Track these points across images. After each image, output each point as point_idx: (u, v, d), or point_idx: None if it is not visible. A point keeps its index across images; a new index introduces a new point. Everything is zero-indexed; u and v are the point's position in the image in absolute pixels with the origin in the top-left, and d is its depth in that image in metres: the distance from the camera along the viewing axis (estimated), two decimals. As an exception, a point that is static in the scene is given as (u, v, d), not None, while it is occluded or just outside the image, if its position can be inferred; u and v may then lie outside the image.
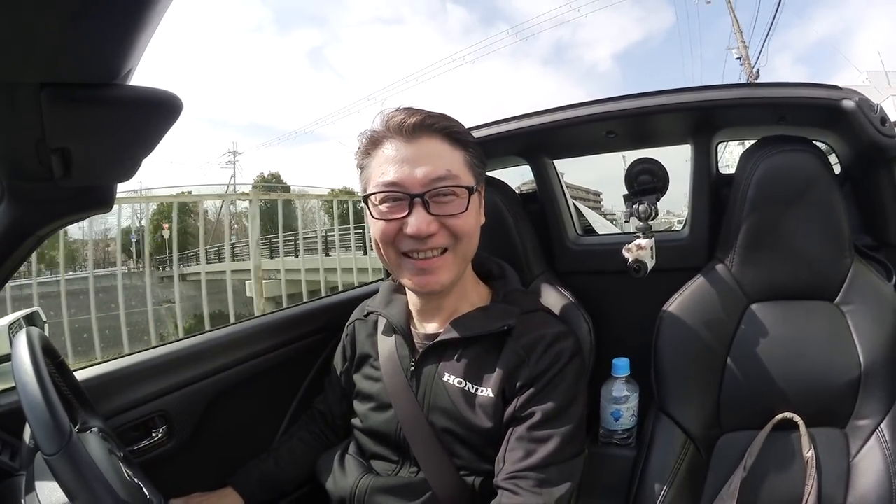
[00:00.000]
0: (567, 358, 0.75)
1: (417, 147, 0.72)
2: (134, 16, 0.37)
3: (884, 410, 0.83)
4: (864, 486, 0.81)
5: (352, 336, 0.91)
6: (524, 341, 0.75)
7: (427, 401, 0.77)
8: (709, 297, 0.91)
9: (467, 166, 0.75)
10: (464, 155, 0.75)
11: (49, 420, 0.52)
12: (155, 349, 0.97)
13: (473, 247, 0.77)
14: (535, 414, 0.71)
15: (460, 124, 0.77)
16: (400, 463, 0.79)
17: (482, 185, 0.79)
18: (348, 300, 1.16)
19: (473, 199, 0.74)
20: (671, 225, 6.77)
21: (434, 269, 0.73)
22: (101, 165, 0.59)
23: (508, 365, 0.74)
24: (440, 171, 0.71)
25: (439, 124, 0.73)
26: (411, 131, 0.72)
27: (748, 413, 0.88)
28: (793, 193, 0.86)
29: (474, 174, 0.76)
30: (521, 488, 0.68)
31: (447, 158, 0.73)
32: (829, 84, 0.87)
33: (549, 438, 0.70)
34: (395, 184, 0.71)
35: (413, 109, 0.74)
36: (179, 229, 5.04)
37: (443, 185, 0.71)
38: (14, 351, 0.60)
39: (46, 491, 0.54)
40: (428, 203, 0.71)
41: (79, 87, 0.43)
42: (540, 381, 0.73)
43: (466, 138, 0.76)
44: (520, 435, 0.71)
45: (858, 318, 0.86)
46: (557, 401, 0.72)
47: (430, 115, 0.74)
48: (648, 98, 0.92)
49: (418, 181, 0.71)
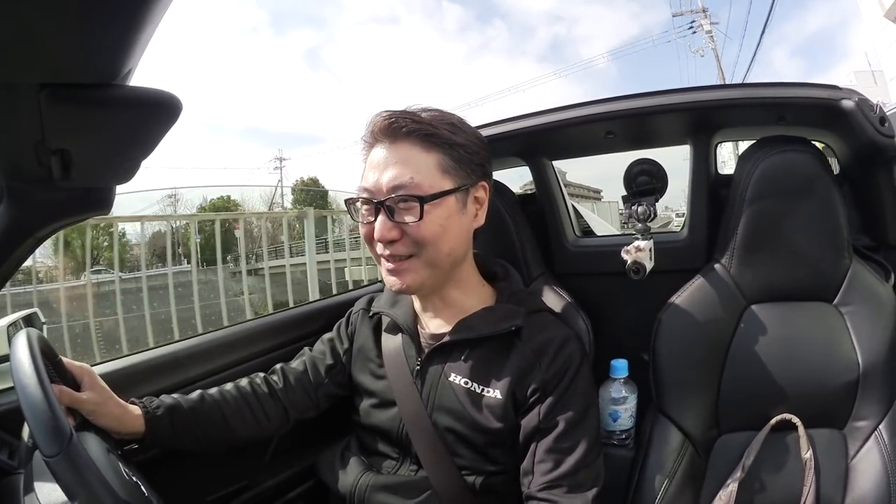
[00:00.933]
0: (578, 362, 0.76)
1: (394, 151, 0.73)
2: (134, 16, 0.37)
3: (882, 411, 0.82)
4: (863, 487, 0.81)
5: (355, 326, 0.91)
6: (533, 345, 0.76)
7: (431, 400, 0.77)
8: (707, 299, 0.91)
9: (441, 169, 0.72)
10: (439, 157, 0.72)
11: (49, 422, 0.52)
12: (155, 349, 0.97)
13: (444, 254, 0.74)
14: (559, 424, 0.73)
15: (438, 123, 0.73)
16: (400, 460, 0.80)
17: (479, 185, 0.77)
18: (348, 301, 1.16)
19: (431, 207, 0.71)
20: (670, 220, 6.77)
21: (400, 271, 0.74)
22: (100, 167, 0.59)
23: (518, 368, 0.75)
24: (402, 178, 0.71)
25: (409, 127, 0.72)
26: (389, 135, 0.73)
27: (746, 414, 0.88)
28: (791, 194, 0.86)
29: (455, 176, 0.73)
30: (556, 496, 0.70)
31: (415, 164, 0.71)
32: (829, 84, 0.87)
33: (576, 446, 0.72)
34: (367, 189, 0.74)
35: (392, 112, 0.74)
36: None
37: (400, 193, 0.71)
38: (13, 352, 0.60)
39: (45, 490, 0.54)
40: (392, 210, 0.72)
41: (78, 88, 0.43)
42: (556, 388, 0.74)
43: (445, 139, 0.73)
44: (548, 447, 0.72)
45: (857, 319, 0.86)
46: (577, 408, 0.74)
47: (402, 117, 0.73)
48: (647, 98, 0.92)
49: (382, 187, 0.72)
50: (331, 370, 0.89)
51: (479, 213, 0.79)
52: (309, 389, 0.89)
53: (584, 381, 0.76)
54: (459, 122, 0.77)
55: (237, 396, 0.85)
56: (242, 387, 0.87)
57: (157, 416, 0.77)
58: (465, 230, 0.77)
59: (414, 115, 0.74)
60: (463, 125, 0.77)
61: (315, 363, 0.91)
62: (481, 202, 0.79)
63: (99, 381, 0.74)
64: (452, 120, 0.76)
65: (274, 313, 1.19)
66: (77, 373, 0.73)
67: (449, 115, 0.77)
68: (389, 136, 0.73)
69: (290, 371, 0.90)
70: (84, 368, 0.74)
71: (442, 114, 0.76)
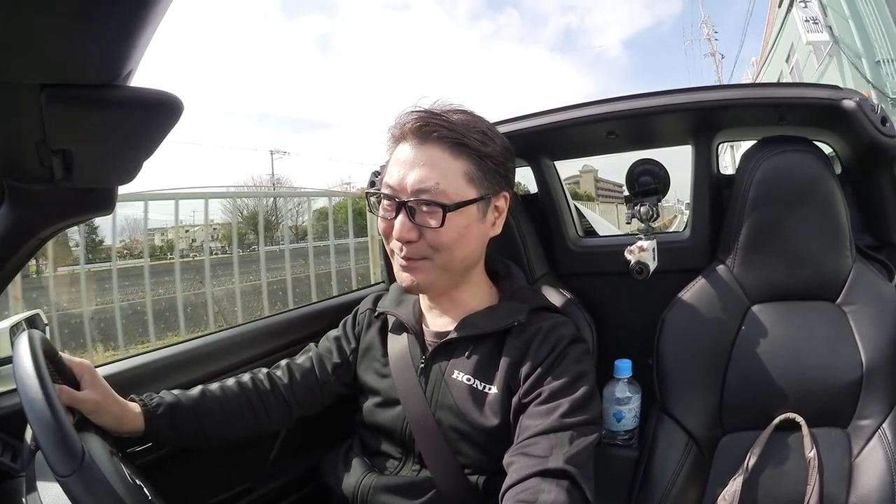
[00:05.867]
0: (567, 342, 0.75)
1: (422, 152, 0.72)
2: (134, 17, 0.37)
3: (886, 410, 0.82)
4: (866, 486, 0.81)
5: (362, 325, 0.91)
6: (524, 336, 0.76)
7: (435, 398, 0.77)
8: (710, 299, 0.91)
9: (467, 178, 0.72)
10: (467, 165, 0.72)
11: (61, 442, 0.52)
12: (156, 351, 0.97)
13: (458, 259, 0.74)
14: (543, 393, 0.70)
15: (469, 131, 0.72)
16: (403, 460, 0.79)
17: (501, 194, 0.77)
18: (350, 301, 1.16)
19: (453, 215, 0.70)
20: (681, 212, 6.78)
21: (413, 268, 0.74)
22: (101, 167, 0.59)
23: (511, 359, 0.75)
24: (428, 182, 0.70)
25: (441, 132, 0.71)
26: (420, 134, 0.72)
27: (750, 413, 0.88)
28: (794, 194, 0.86)
29: (480, 185, 0.73)
30: (528, 455, 0.64)
31: (442, 169, 0.71)
32: (830, 84, 0.87)
33: (556, 408, 0.68)
34: (391, 187, 0.73)
35: (423, 113, 0.73)
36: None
37: (423, 197, 0.70)
38: (16, 356, 0.59)
39: (47, 491, 0.54)
40: (413, 210, 0.71)
41: (80, 88, 0.43)
42: (542, 363, 0.73)
43: (475, 148, 0.72)
44: (527, 413, 0.69)
45: (860, 318, 0.86)
46: (562, 377, 0.71)
47: (436, 120, 0.72)
48: (649, 99, 0.92)
49: (407, 188, 0.71)
50: (337, 369, 0.89)
51: (497, 222, 0.79)
52: (314, 386, 0.89)
53: (573, 356, 0.74)
54: (489, 129, 0.76)
55: (238, 393, 0.85)
56: (244, 382, 0.86)
57: (158, 414, 0.76)
58: (482, 238, 0.77)
59: (445, 118, 0.72)
60: (493, 133, 0.76)
61: (322, 360, 0.90)
62: (500, 211, 0.78)
63: (99, 378, 0.73)
64: (483, 128, 0.75)
65: (277, 314, 1.19)
66: (77, 370, 0.72)
67: (479, 120, 0.76)
68: (419, 136, 0.72)
69: (295, 367, 0.90)
70: (84, 366, 0.73)
71: (473, 119, 0.75)
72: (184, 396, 0.80)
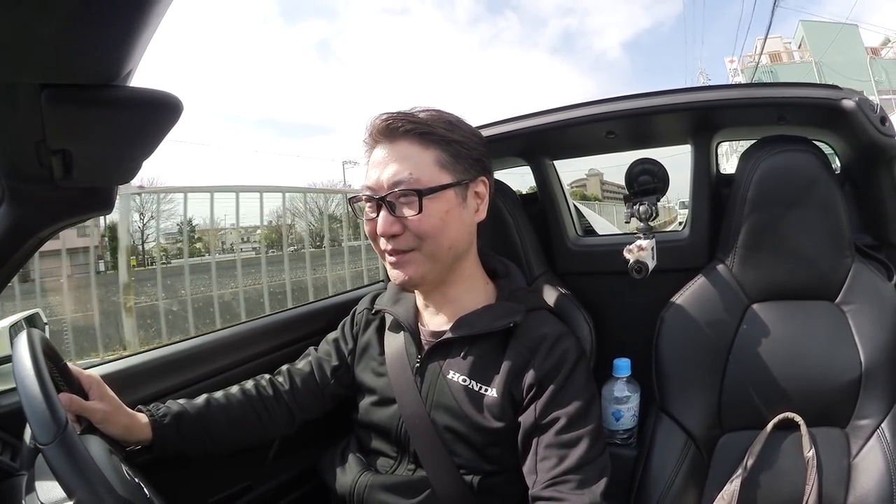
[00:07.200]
0: (574, 359, 0.76)
1: (393, 149, 0.75)
2: (134, 17, 0.37)
3: (885, 410, 0.82)
4: (865, 486, 0.81)
5: (360, 325, 0.92)
6: (527, 342, 0.76)
7: (430, 398, 0.77)
8: (709, 298, 0.91)
9: (439, 165, 0.74)
10: (437, 153, 0.74)
11: (44, 410, 0.52)
12: (155, 350, 0.97)
13: (445, 247, 0.75)
14: (560, 419, 0.72)
15: (435, 121, 0.75)
16: (398, 459, 0.80)
17: (478, 180, 0.78)
18: (349, 301, 1.16)
19: (430, 200, 0.72)
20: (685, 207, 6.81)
21: (402, 263, 0.75)
22: (101, 167, 0.59)
23: (513, 365, 0.75)
24: (402, 174, 0.73)
25: (405, 127, 0.74)
26: (388, 135, 0.75)
27: (749, 413, 0.88)
28: (793, 193, 0.86)
29: (453, 171, 0.75)
30: (563, 493, 0.68)
31: (414, 161, 0.73)
32: (829, 84, 0.87)
33: (578, 440, 0.71)
34: (369, 187, 0.75)
35: (389, 114, 0.76)
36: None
37: (399, 188, 0.73)
38: (14, 350, 0.60)
39: (46, 489, 0.54)
40: (392, 205, 0.73)
41: (79, 89, 0.43)
42: (552, 384, 0.73)
43: (442, 135, 0.75)
44: (548, 442, 0.72)
45: (859, 317, 0.86)
46: (577, 402, 0.73)
47: (401, 116, 0.75)
48: (648, 98, 0.92)
49: (383, 184, 0.74)
50: (336, 371, 0.90)
51: (481, 208, 0.80)
52: (315, 391, 0.90)
53: (582, 376, 0.76)
54: (456, 119, 0.79)
55: (243, 400, 0.86)
56: (248, 390, 0.88)
57: (165, 424, 0.78)
58: (467, 224, 0.78)
59: (411, 114, 0.76)
60: (460, 122, 0.79)
61: (321, 364, 0.91)
62: (482, 197, 0.80)
63: (107, 390, 0.75)
64: (449, 118, 0.78)
65: (276, 313, 1.19)
66: (85, 381, 0.74)
67: (446, 114, 0.78)
68: (388, 136, 0.75)
69: (296, 373, 0.91)
70: (92, 378, 0.75)
71: (439, 113, 0.78)
72: (189, 405, 0.82)
